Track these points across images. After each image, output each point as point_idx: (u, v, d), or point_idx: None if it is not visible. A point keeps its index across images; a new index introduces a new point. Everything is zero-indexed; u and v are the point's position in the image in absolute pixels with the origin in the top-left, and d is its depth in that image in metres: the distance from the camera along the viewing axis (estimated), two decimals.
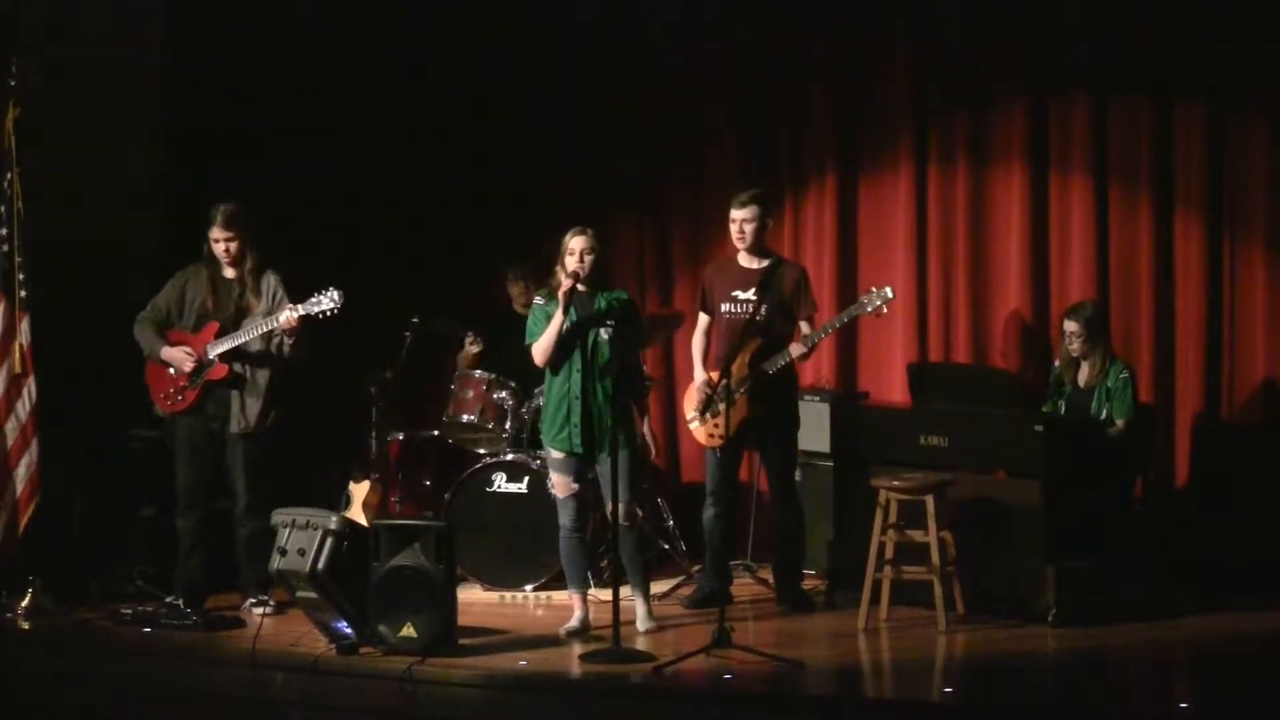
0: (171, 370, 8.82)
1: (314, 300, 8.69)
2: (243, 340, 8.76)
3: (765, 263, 8.90)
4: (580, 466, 8.41)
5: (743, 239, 8.87)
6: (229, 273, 8.89)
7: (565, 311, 8.27)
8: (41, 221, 9.04)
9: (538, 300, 8.46)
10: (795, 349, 8.79)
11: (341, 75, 10.71)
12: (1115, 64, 9.58)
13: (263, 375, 8.84)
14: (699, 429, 9.00)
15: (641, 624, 8.41)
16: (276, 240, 9.19)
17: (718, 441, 8.79)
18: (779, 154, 10.39)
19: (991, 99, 9.84)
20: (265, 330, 8.75)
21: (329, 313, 8.69)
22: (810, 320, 8.92)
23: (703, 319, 9.04)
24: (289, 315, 8.67)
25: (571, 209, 10.60)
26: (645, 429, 9.62)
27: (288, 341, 8.78)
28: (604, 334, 8.34)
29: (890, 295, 8.85)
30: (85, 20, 9.89)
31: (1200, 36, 9.39)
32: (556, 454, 8.44)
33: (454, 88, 10.76)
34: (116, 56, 10.11)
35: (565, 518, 8.47)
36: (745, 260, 8.93)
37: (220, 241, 8.83)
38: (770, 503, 9.12)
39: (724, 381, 8.34)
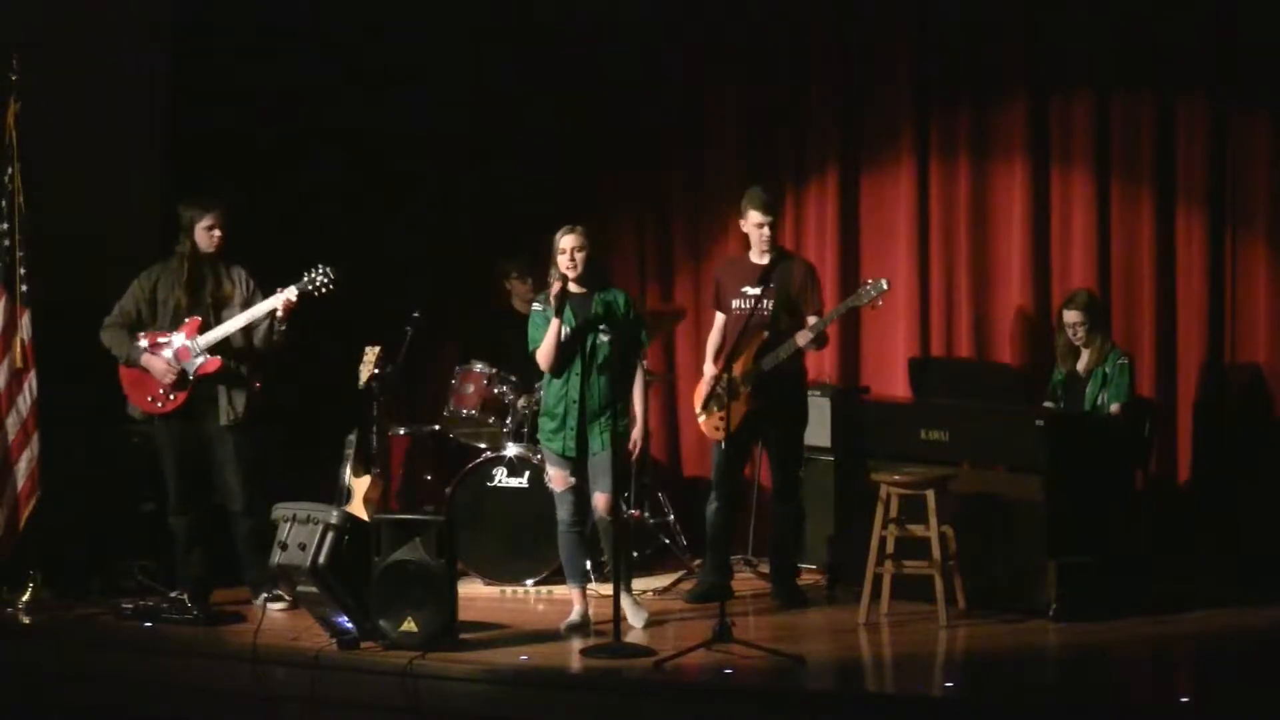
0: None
1: (306, 280, 8.68)
2: (232, 330, 8.72)
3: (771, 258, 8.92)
4: (575, 465, 8.41)
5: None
6: (204, 267, 8.86)
7: (559, 314, 8.25)
8: (41, 220, 9.04)
9: (536, 305, 8.41)
10: (798, 339, 8.76)
11: (341, 75, 10.71)
12: (1117, 58, 9.59)
13: (246, 366, 8.82)
14: (705, 422, 9.01)
15: (631, 618, 8.37)
16: (278, 240, 9.19)
17: (721, 435, 8.78)
18: (780, 152, 10.39)
19: (993, 94, 9.85)
20: (254, 318, 8.71)
21: (324, 288, 8.68)
22: (819, 315, 8.91)
23: (719, 318, 9.02)
24: (286, 297, 8.65)
25: (571, 209, 10.65)
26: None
27: (279, 328, 8.74)
28: (603, 336, 8.31)
29: (885, 287, 8.84)
30: (86, 19, 9.89)
31: (1202, 30, 9.39)
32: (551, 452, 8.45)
33: (454, 88, 10.77)
34: (117, 56, 10.10)
35: (563, 512, 8.46)
36: (756, 256, 8.93)
37: (217, 229, 8.80)
38: (771, 497, 9.10)
39: (724, 376, 8.33)
